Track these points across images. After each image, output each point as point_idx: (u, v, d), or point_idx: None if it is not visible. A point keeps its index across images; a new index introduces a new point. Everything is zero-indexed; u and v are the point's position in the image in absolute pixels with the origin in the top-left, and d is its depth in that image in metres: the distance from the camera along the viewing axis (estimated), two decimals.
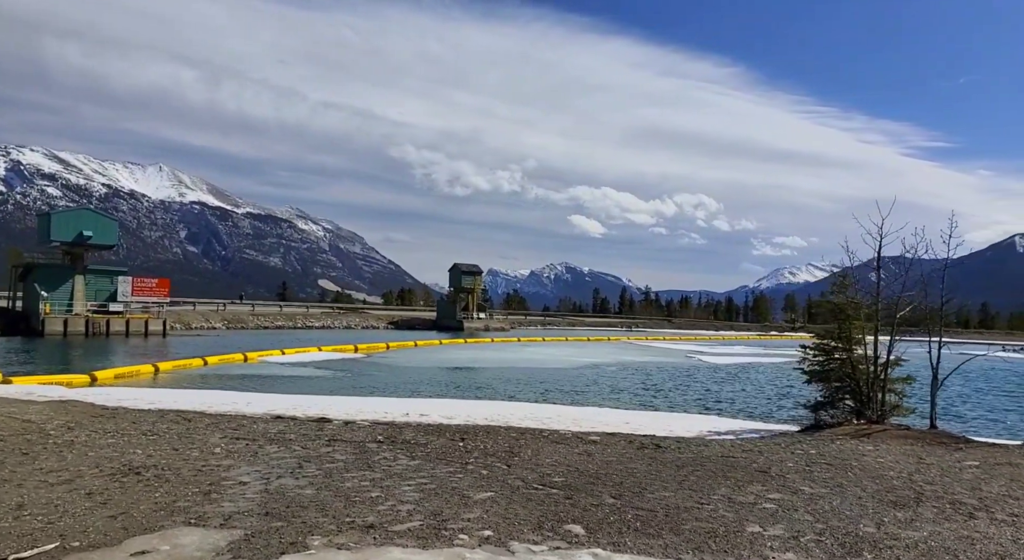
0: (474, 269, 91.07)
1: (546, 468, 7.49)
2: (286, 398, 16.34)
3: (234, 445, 8.91)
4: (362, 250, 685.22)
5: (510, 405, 15.70)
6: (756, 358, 42.26)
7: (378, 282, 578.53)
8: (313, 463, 7.76)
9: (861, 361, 11.16)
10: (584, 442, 9.52)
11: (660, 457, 8.16)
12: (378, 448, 8.75)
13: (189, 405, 14.09)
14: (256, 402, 15.03)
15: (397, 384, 22.76)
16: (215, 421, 11.34)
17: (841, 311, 11.42)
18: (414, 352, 41.24)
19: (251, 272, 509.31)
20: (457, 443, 9.11)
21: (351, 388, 21.03)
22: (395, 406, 14.94)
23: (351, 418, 12.86)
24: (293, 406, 14.49)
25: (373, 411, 13.95)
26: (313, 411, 13.77)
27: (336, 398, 16.77)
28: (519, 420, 13.04)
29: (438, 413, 13.64)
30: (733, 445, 9.12)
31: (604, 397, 20.35)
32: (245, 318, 71.37)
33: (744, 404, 19.83)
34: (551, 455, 8.24)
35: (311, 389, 20.34)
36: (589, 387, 23.12)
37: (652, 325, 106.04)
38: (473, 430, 10.49)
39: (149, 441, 9.06)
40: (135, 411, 12.53)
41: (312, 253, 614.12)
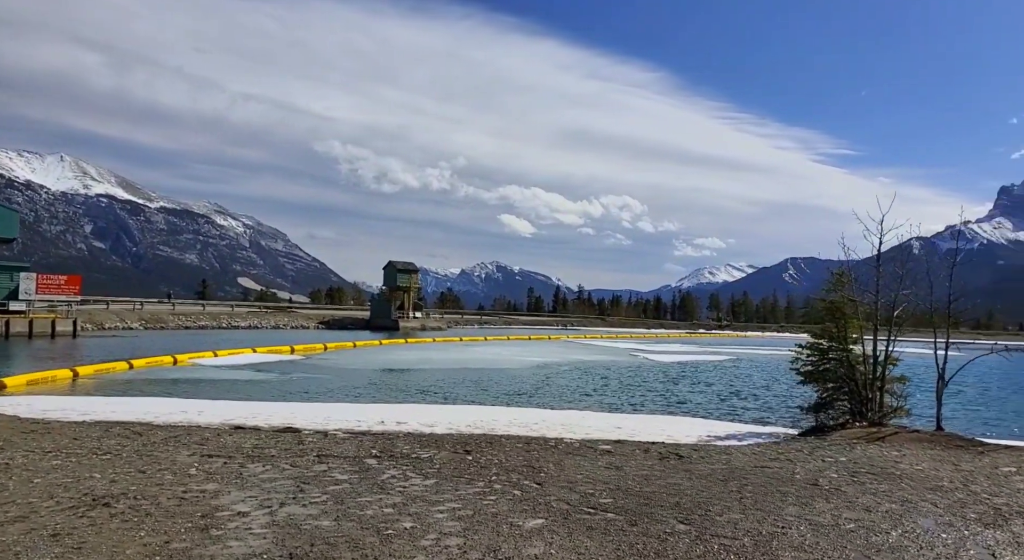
0: (410, 267, 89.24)
1: (582, 486, 6.74)
2: (238, 405, 14.90)
3: (210, 464, 7.72)
4: (285, 247, 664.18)
5: (487, 410, 14.84)
6: (697, 357, 42.92)
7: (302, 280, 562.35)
8: (314, 485, 6.73)
9: (858, 361, 10.94)
10: (597, 451, 8.84)
11: (693, 469, 7.56)
12: (379, 465, 7.77)
13: (131, 416, 12.55)
14: (208, 410, 13.59)
15: (348, 388, 21.46)
16: (172, 435, 10.00)
17: (838, 310, 11.18)
18: (355, 353, 39.60)
19: (165, 269, 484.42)
20: (464, 456, 8.24)
21: (302, 393, 19.61)
22: (365, 413, 13.83)
23: (322, 428, 11.73)
24: (251, 414, 13.18)
25: (343, 419, 12.82)
26: (276, 420, 12.52)
27: (294, 405, 15.45)
28: (505, 427, 12.25)
29: (416, 421, 12.64)
30: (754, 453, 8.64)
31: (572, 399, 19.80)
32: (165, 318, 67.13)
33: (713, 406, 19.74)
34: (576, 469, 7.50)
35: (259, 395, 18.80)
36: (551, 388, 22.56)
37: (586, 323, 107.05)
38: (471, 441, 9.62)
39: (104, 462, 7.74)
40: (70, 424, 10.95)
41: (232, 250, 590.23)
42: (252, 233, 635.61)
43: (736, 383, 27.16)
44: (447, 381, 23.85)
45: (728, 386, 25.49)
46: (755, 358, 44.71)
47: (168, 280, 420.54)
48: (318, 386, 21.69)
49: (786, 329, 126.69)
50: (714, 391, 23.43)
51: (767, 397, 22.16)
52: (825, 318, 11.32)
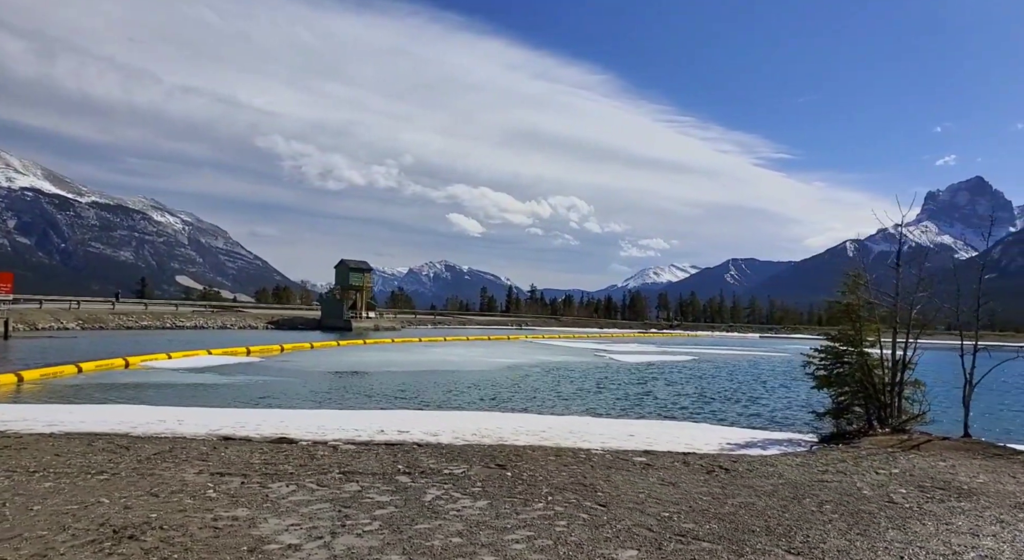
0: (363, 266, 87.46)
1: (650, 507, 6.29)
2: (217, 413, 13.93)
3: (226, 484, 7.00)
4: (226, 245, 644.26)
5: (485, 416, 14.30)
6: (659, 357, 43.28)
7: (244, 279, 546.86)
8: (356, 509, 6.11)
9: (876, 365, 10.86)
10: (635, 464, 8.45)
11: (754, 485, 7.18)
12: (414, 482, 7.18)
13: (104, 426, 11.53)
14: (187, 419, 12.63)
15: (322, 392, 20.55)
16: (161, 448, 9.14)
17: (854, 312, 11.10)
18: (315, 354, 38.29)
19: (97, 267, 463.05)
20: (501, 472, 7.71)
21: (276, 398, 18.62)
22: (357, 420, 13.11)
23: (320, 437, 11.01)
24: (236, 423, 12.29)
25: (337, 427, 12.10)
26: (266, 430, 11.71)
27: (278, 412, 14.56)
28: (513, 434, 11.77)
29: (417, 429, 12.02)
30: (798, 464, 8.34)
31: (554, 402, 19.46)
32: (104, 318, 63.79)
33: (704, 409, 19.71)
34: (630, 486, 7.05)
35: (233, 401, 17.74)
36: (529, 391, 22.19)
37: (541, 323, 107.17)
38: (496, 453, 9.08)
39: (103, 483, 6.93)
40: (43, 437, 9.94)
41: (169, 247, 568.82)
42: (191, 230, 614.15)
43: (710, 385, 27.38)
44: (421, 384, 23.16)
45: (704, 388, 25.63)
46: (714, 359, 45.39)
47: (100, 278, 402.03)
48: (290, 390, 20.70)
49: (734, 329, 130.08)
50: (695, 393, 23.45)
51: (747, 400, 22.33)
52: (841, 320, 11.20)
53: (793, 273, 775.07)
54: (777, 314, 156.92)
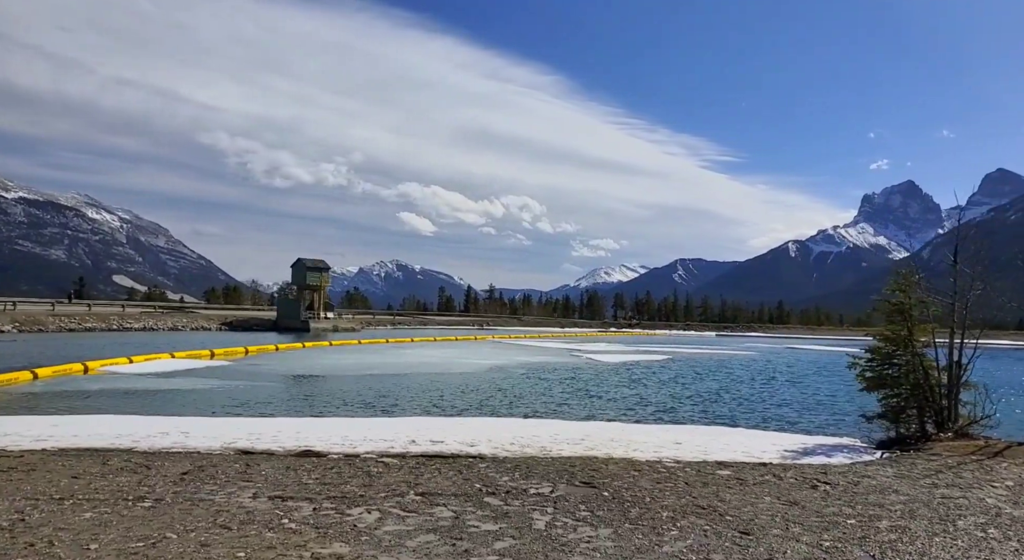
0: (320, 265, 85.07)
1: (798, 532, 5.62)
2: (221, 423, 12.75)
3: (296, 511, 6.08)
4: (167, 243, 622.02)
5: (513, 423, 13.50)
6: (635, 357, 43.13)
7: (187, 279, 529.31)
8: (469, 541, 5.31)
9: (932, 366, 10.53)
10: (720, 477, 7.85)
11: (879, 502, 6.55)
12: (507, 505, 6.39)
13: (100, 440, 10.33)
14: (191, 430, 11.46)
15: (313, 397, 19.41)
16: (189, 466, 8.11)
17: (906, 311, 10.76)
18: (283, 357, 36.63)
19: (25, 266, 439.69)
20: (596, 491, 6.97)
21: (268, 405, 17.41)
22: (379, 430, 12.16)
23: (350, 450, 10.09)
24: (249, 434, 11.21)
25: (363, 438, 11.15)
26: (285, 441, 10.69)
27: (286, 421, 13.44)
28: (553, 443, 11.05)
29: (452, 439, 11.18)
30: (893, 476, 7.83)
31: (563, 406, 18.85)
32: (44, 319, 60.04)
33: (713, 412, 19.40)
34: (751, 507, 6.37)
35: (221, 408, 16.47)
36: (527, 394, 21.54)
37: (502, 323, 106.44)
38: (569, 467, 8.35)
39: (154, 513, 5.93)
40: (46, 457, 8.74)
41: (106, 246, 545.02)
42: (129, 228, 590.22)
43: (699, 385, 27.25)
44: (413, 388, 22.19)
45: (699, 387, 25.46)
46: (688, 358, 45.57)
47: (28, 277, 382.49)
48: (276, 396, 19.45)
49: (691, 327, 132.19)
50: (696, 394, 23.19)
51: (753, 401, 22.20)
52: (894, 320, 10.84)
53: (738, 273, 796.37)
54: (729, 312, 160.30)
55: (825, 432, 13.65)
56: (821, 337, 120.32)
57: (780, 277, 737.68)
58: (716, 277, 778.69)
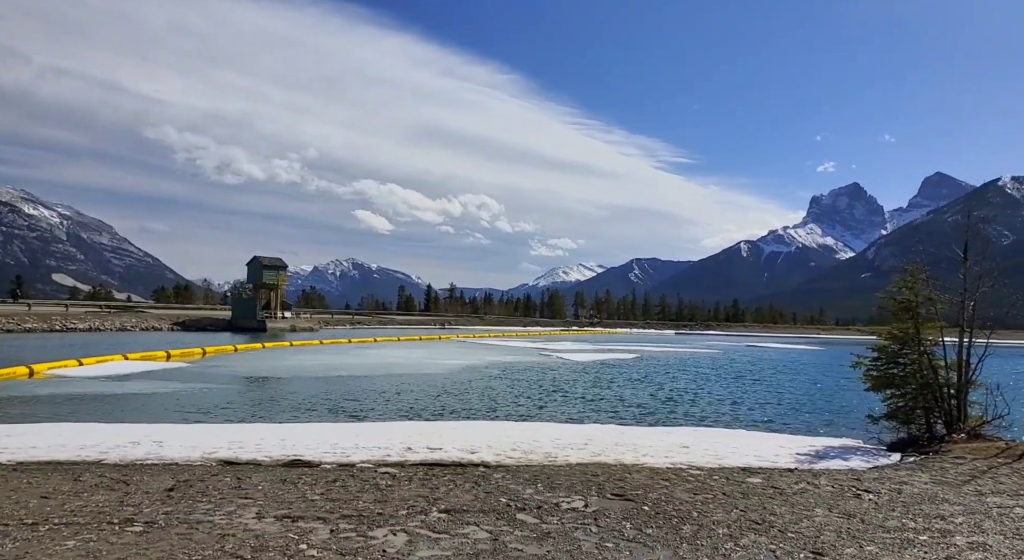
0: (277, 263, 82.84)
1: (868, 547, 5.14)
2: (195, 431, 11.82)
3: (312, 533, 5.40)
4: (111, 241, 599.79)
5: (509, 427, 12.89)
6: (604, 355, 43.00)
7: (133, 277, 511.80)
8: None
9: (941, 365, 10.34)
10: (752, 486, 7.44)
11: (938, 514, 6.09)
12: (544, 523, 5.81)
13: (63, 451, 9.38)
14: (164, 439, 10.54)
15: (285, 401, 18.45)
16: (172, 480, 7.32)
17: (913, 308, 10.56)
18: (243, 358, 35.21)
19: None
20: (634, 505, 6.44)
21: (240, 409, 16.45)
22: (368, 435, 11.44)
23: (344, 459, 9.39)
24: (229, 443, 10.36)
25: (354, 446, 10.43)
26: (271, 449, 9.90)
27: (265, 428, 12.57)
28: (558, 448, 10.53)
29: (450, 445, 10.54)
30: (937, 482, 7.48)
31: (549, 408, 18.40)
32: None
33: (686, 410, 19.20)
34: (808, 521, 5.87)
35: (189, 413, 15.46)
36: (508, 395, 21.04)
37: (464, 322, 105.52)
38: (591, 476, 7.84)
39: (149, 539, 5.18)
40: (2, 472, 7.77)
41: (44, 243, 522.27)
42: (70, 225, 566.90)
43: (674, 384, 27.17)
44: (387, 390, 21.41)
45: (675, 387, 25.34)
46: (656, 356, 45.69)
47: None
48: (245, 399, 18.44)
49: (651, 326, 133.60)
50: (675, 393, 23.04)
51: (732, 400, 22.15)
52: (902, 318, 10.63)
53: (693, 272, 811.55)
54: (686, 311, 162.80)
55: (823, 432, 13.50)
56: (777, 335, 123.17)
57: (732, 276, 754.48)
58: (671, 276, 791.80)
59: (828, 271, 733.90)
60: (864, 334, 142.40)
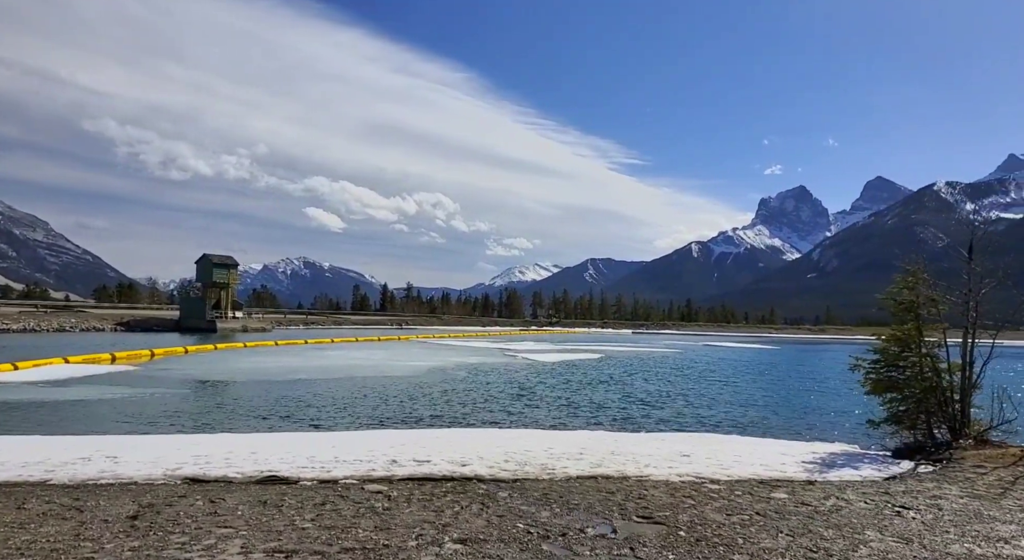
0: (228, 261, 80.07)
1: None
2: (151, 443, 10.75)
3: None
4: (47, 237, 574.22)
5: (495, 435, 12.18)
6: (569, 355, 42.63)
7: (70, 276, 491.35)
8: None
9: (944, 368, 10.05)
10: (783, 503, 6.93)
11: (995, 532, 5.57)
12: (574, 556, 5.14)
13: (1, 471, 8.24)
14: (118, 454, 9.48)
15: (250, 406, 17.31)
16: (134, 504, 6.39)
17: (915, 309, 10.27)
18: (195, 361, 33.52)
19: None
20: (670, 530, 5.80)
21: (198, 416, 15.30)
22: (347, 446, 10.58)
23: (325, 474, 8.57)
24: (193, 457, 9.38)
25: (333, 459, 9.57)
26: (241, 464, 8.98)
27: (232, 438, 11.56)
28: (553, 458, 9.89)
29: (438, 457, 9.78)
30: (978, 496, 7.00)
31: (528, 412, 17.78)
32: None
33: (662, 414, 18.86)
34: (867, 549, 5.40)
35: (142, 423, 14.26)
36: (480, 399, 20.35)
37: (422, 322, 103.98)
38: (605, 493, 7.21)
39: None
40: None
41: None
42: (1, 220, 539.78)
43: (646, 385, 26.94)
44: (353, 394, 20.44)
45: (647, 388, 25.06)
46: (620, 356, 45.58)
47: None
48: (203, 406, 17.24)
49: (608, 325, 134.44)
50: (647, 395, 22.73)
51: (707, 402, 21.94)
52: (903, 319, 10.31)
53: (646, 272, 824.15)
54: (641, 311, 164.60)
55: (810, 436, 13.19)
56: (730, 334, 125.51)
57: (684, 276, 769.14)
58: (625, 276, 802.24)
59: (775, 271, 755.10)
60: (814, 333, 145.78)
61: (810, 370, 38.78)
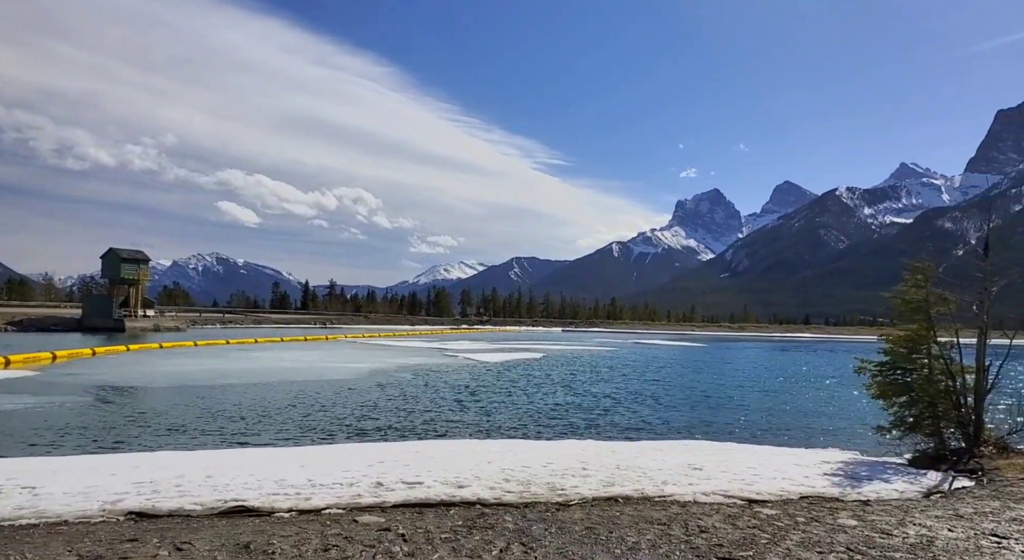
0: (138, 256, 74.66)
1: None
2: (75, 465, 8.94)
3: None
4: None
5: (470, 447, 10.91)
6: (512, 355, 41.72)
7: None
8: None
9: (959, 370, 9.62)
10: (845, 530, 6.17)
11: None
12: None
13: None
14: (39, 484, 7.72)
15: (178, 416, 15.37)
16: (69, 553, 4.91)
17: (925, 309, 9.82)
18: (104, 364, 30.42)
19: None
20: None
21: (120, 429, 13.34)
22: (317, 466, 9.14)
23: (303, 502, 7.22)
24: (133, 484, 7.76)
25: (305, 481, 8.16)
26: (198, 492, 7.48)
27: (171, 456, 9.85)
28: (554, 475, 8.85)
29: (429, 477, 8.53)
30: None
31: (491, 416, 16.70)
32: None
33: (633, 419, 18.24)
34: None
35: (59, 441, 12.23)
36: (434, 405, 19.13)
37: (347, 321, 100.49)
38: (648, 522, 6.22)
39: None
40: None
41: None
42: None
43: (599, 387, 26.41)
44: (298, 401, 18.73)
45: (603, 389, 24.49)
46: (560, 355, 45.07)
47: None
48: (126, 418, 15.15)
49: (539, 323, 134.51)
50: (605, 397, 22.11)
51: (671, 404, 21.55)
52: (912, 319, 9.83)
53: (569, 271, 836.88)
54: (568, 309, 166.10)
55: (808, 443, 12.74)
56: (656, 331, 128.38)
57: (605, 275, 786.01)
58: (549, 274, 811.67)
59: (690, 271, 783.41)
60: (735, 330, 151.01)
61: (751, 370, 39.48)
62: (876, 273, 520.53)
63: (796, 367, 41.25)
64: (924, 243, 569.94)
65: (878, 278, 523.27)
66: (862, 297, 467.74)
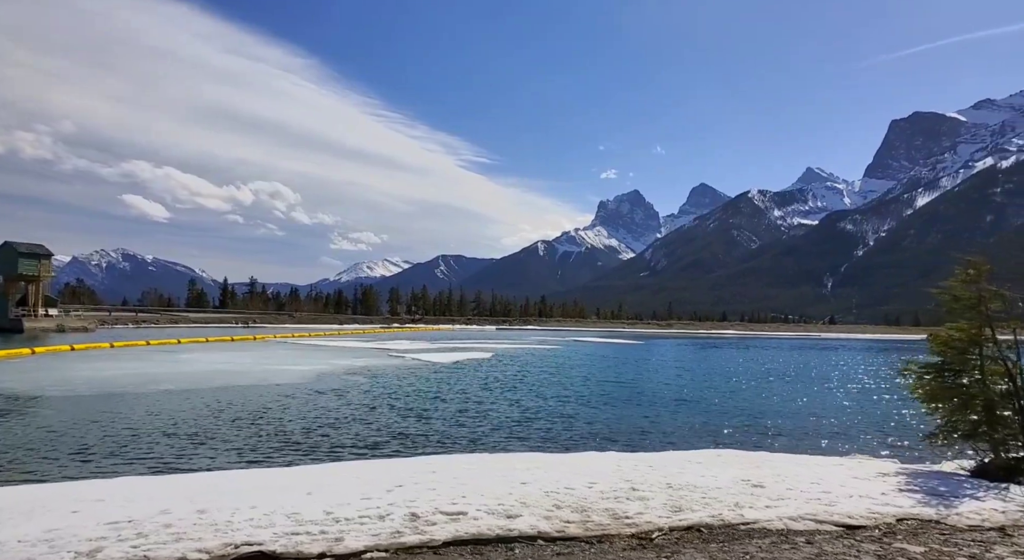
0: (39, 250, 68.41)
1: None
2: (22, 499, 7.18)
3: None
4: None
5: (495, 466, 9.70)
6: (460, 354, 40.41)
7: None
8: None
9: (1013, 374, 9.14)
10: None
11: None
12: None
13: None
14: (20, 513, 6.01)
15: (123, 432, 13.40)
16: None
17: (978, 307, 9.26)
18: (11, 368, 27.08)
19: None
20: None
21: (55, 448, 11.35)
22: (328, 494, 7.72)
23: (336, 544, 5.89)
24: (114, 524, 6.17)
25: (323, 514, 6.79)
26: (202, 533, 6.00)
27: (142, 483, 8.12)
28: (604, 497, 7.81)
29: (468, 505, 7.30)
30: None
31: (476, 422, 15.55)
32: None
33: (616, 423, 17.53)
34: None
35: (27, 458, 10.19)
36: (409, 412, 17.82)
37: (271, 321, 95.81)
38: None
39: None
40: None
41: None
42: None
43: (563, 389, 25.69)
44: (253, 410, 16.93)
45: (576, 391, 23.74)
46: (509, 354, 44.10)
47: None
48: (60, 436, 13.03)
49: (472, 322, 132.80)
50: (575, 398, 21.32)
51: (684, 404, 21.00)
52: (964, 317, 9.30)
53: (495, 269, 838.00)
54: (499, 307, 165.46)
55: (839, 451, 12.30)
56: (588, 329, 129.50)
57: (530, 274, 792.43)
58: (476, 272, 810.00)
59: (612, 270, 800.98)
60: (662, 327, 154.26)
61: (714, 367, 39.80)
62: (785, 272, 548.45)
63: (756, 365, 41.83)
64: (828, 244, 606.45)
65: (787, 277, 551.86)
66: (773, 295, 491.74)
